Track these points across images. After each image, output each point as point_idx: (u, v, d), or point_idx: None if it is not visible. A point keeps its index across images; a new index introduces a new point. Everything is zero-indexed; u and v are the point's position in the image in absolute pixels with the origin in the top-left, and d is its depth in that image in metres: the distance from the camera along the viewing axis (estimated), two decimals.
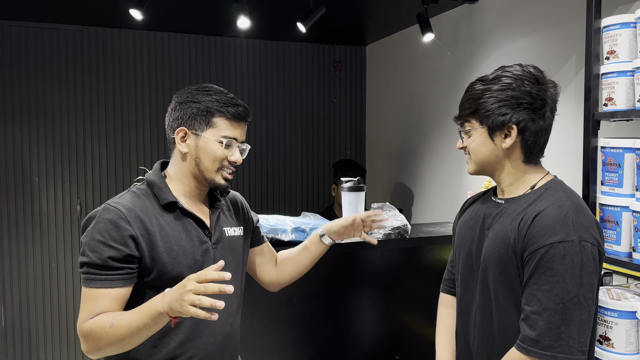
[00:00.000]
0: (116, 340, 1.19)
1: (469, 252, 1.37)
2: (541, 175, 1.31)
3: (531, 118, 1.27)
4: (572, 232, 1.15)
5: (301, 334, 2.08)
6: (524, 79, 1.27)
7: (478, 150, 1.31)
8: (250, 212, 1.61)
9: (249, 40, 3.77)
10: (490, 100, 1.26)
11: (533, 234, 1.18)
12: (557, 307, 1.13)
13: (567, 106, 2.23)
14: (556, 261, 1.14)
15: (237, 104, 1.39)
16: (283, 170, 3.93)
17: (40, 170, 3.38)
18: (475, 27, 2.83)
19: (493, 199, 1.38)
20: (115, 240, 1.26)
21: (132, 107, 3.54)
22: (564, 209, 1.19)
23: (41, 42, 3.34)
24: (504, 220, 1.28)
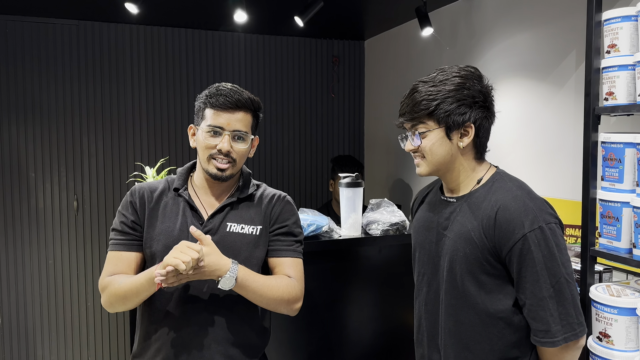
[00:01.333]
0: (121, 297, 1.39)
1: (430, 253, 1.40)
2: (485, 168, 1.36)
3: (485, 116, 1.32)
4: (536, 219, 1.22)
5: (298, 330, 2.06)
6: (471, 78, 1.31)
7: (435, 151, 1.31)
8: (282, 219, 1.52)
9: (246, 34, 3.74)
10: (448, 100, 1.27)
11: (502, 232, 1.24)
12: (549, 293, 1.21)
13: (567, 101, 2.22)
14: (534, 251, 1.21)
15: (223, 94, 1.43)
16: (281, 166, 3.91)
17: (37, 165, 3.36)
18: (474, 22, 2.81)
19: (443, 198, 1.40)
20: (125, 207, 1.50)
21: (128, 102, 3.52)
22: (520, 199, 1.25)
23: (37, 36, 3.31)
24: (461, 219, 1.31)
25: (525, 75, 2.43)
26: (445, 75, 1.31)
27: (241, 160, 1.49)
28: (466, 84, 1.29)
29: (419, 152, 1.34)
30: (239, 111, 1.45)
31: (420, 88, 1.32)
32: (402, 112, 1.35)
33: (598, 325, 1.53)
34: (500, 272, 1.28)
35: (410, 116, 1.32)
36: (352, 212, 2.08)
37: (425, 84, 1.32)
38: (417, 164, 1.37)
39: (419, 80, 1.34)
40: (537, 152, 2.36)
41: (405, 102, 1.34)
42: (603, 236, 1.62)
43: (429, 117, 1.30)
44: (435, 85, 1.30)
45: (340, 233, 2.09)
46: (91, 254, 3.47)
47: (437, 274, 1.38)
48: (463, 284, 1.30)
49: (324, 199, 4.00)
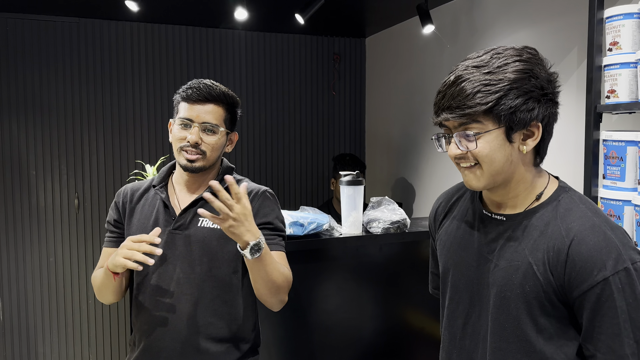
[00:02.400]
0: (97, 288, 1.53)
1: (469, 280, 1.13)
2: (545, 180, 1.08)
3: (552, 112, 1.05)
4: (620, 258, 0.96)
5: (299, 328, 2.06)
6: (537, 63, 1.02)
7: (493, 157, 1.00)
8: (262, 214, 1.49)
9: (246, 32, 3.74)
10: (513, 93, 0.98)
11: (577, 272, 0.97)
12: (632, 349, 0.96)
13: (568, 98, 2.21)
14: (617, 298, 0.95)
15: (195, 87, 1.46)
16: (281, 164, 3.91)
17: (38, 163, 3.36)
18: (475, 19, 2.80)
19: (486, 213, 1.12)
20: (111, 207, 1.59)
21: (129, 100, 3.52)
22: (599, 230, 0.98)
23: (37, 34, 3.31)
24: (518, 246, 1.04)
25: None
26: (504, 58, 1.00)
27: (212, 153, 1.48)
28: (533, 71, 1.00)
29: (467, 158, 1.03)
30: (209, 103, 1.47)
31: (472, 75, 0.99)
32: (445, 107, 1.02)
33: None
34: (562, 314, 1.02)
35: (460, 112, 0.99)
36: (353, 210, 2.08)
37: (477, 69, 0.99)
38: (466, 174, 1.05)
39: (467, 65, 1.02)
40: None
41: (449, 93, 1.01)
42: None
43: (486, 115, 0.98)
44: (492, 72, 0.98)
45: (341, 231, 2.09)
46: (92, 252, 3.47)
47: (480, 308, 1.11)
48: (519, 326, 1.03)
49: (324, 197, 4.00)
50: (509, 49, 1.02)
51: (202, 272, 1.46)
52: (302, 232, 1.94)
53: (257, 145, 3.82)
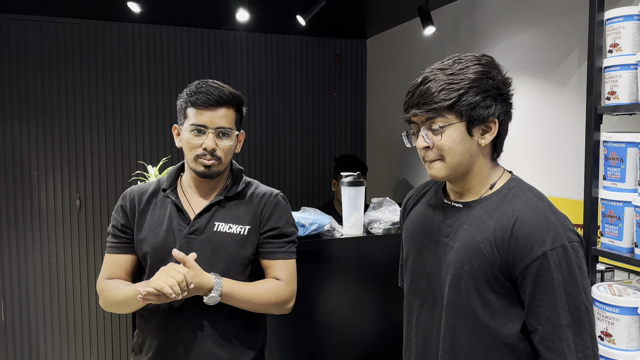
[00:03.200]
0: (114, 304, 1.46)
1: (426, 262, 1.24)
2: (499, 173, 1.20)
3: (507, 111, 1.17)
4: (559, 236, 1.07)
5: (300, 329, 2.07)
6: (493, 67, 1.15)
7: (455, 149, 1.12)
8: (273, 220, 1.50)
9: (248, 33, 3.74)
10: (472, 91, 1.10)
11: (519, 247, 1.08)
12: (567, 320, 1.06)
13: (568, 100, 2.21)
14: (554, 272, 1.06)
15: (204, 91, 1.42)
16: (282, 165, 3.91)
17: (39, 164, 3.37)
18: (476, 20, 2.80)
19: (447, 201, 1.23)
20: (116, 211, 1.53)
21: (131, 101, 3.53)
22: (541, 212, 1.10)
23: (39, 35, 3.32)
24: (469, 228, 1.15)
25: (527, 73, 2.42)
26: (464, 62, 1.13)
27: (227, 156, 1.46)
28: (490, 73, 1.13)
29: (432, 151, 1.15)
30: (221, 107, 1.43)
31: (437, 76, 1.13)
32: (414, 104, 1.15)
33: (600, 325, 1.53)
34: (509, 292, 1.12)
35: (426, 108, 1.12)
36: (354, 211, 2.08)
37: (442, 71, 1.13)
38: (431, 166, 1.17)
39: (432, 68, 1.16)
40: (539, 150, 2.36)
41: (417, 92, 1.15)
42: (605, 235, 1.62)
43: (449, 110, 1.11)
44: (454, 73, 1.12)
45: (342, 232, 2.09)
46: (93, 252, 3.48)
47: (435, 288, 1.21)
48: (467, 302, 1.13)
49: (325, 198, 4.00)
50: (469, 55, 1.16)
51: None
52: (303, 232, 1.94)
53: (258, 146, 3.82)
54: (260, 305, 1.44)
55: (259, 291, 1.44)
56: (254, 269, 1.51)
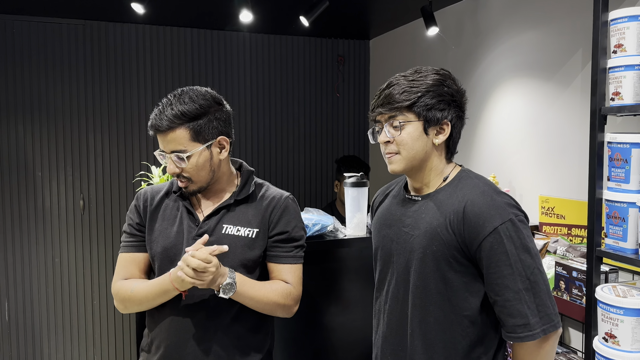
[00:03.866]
0: (136, 303, 1.45)
1: (391, 252, 1.37)
2: (452, 167, 1.36)
3: (460, 116, 1.32)
4: (505, 212, 1.21)
5: (303, 329, 2.07)
6: (449, 78, 1.32)
7: (412, 144, 1.29)
8: (282, 224, 1.49)
9: (251, 34, 3.75)
10: (429, 94, 1.27)
11: (471, 227, 1.22)
12: (525, 285, 1.19)
13: (572, 101, 2.21)
14: (506, 243, 1.19)
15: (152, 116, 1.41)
16: (285, 165, 3.92)
17: (43, 164, 3.38)
18: (479, 21, 2.80)
19: (407, 196, 1.38)
20: (131, 211, 1.54)
21: (134, 102, 3.53)
22: (487, 194, 1.25)
23: (43, 36, 3.33)
24: (427, 217, 1.29)
25: (531, 74, 2.42)
26: (424, 72, 1.32)
27: (199, 173, 1.42)
28: (445, 82, 1.30)
29: (392, 145, 1.31)
30: (168, 131, 1.38)
31: (399, 81, 1.31)
32: (379, 104, 1.31)
33: (604, 326, 1.53)
34: (468, 269, 1.26)
35: (389, 107, 1.29)
36: (357, 212, 2.08)
37: (404, 77, 1.32)
38: (390, 160, 1.33)
39: (397, 75, 1.34)
40: (543, 151, 2.36)
41: (382, 94, 1.32)
42: (609, 236, 1.61)
43: (409, 109, 1.28)
44: (415, 80, 1.30)
45: (345, 232, 2.09)
46: (97, 253, 3.49)
47: (400, 273, 1.34)
48: (429, 282, 1.27)
49: (328, 198, 4.00)
50: (429, 67, 1.34)
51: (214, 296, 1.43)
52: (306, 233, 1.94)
53: (260, 146, 3.83)
54: (268, 305, 1.44)
55: (268, 290, 1.44)
56: (261, 272, 1.51)
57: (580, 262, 1.94)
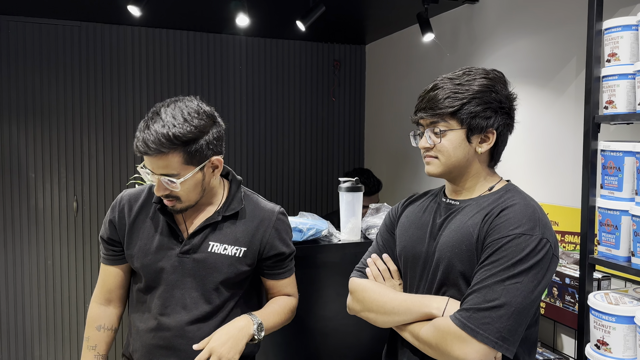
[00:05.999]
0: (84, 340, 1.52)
1: (418, 254, 1.30)
2: (498, 178, 1.30)
3: (507, 124, 1.25)
4: (537, 228, 1.13)
5: (297, 335, 2.06)
6: (499, 82, 1.24)
7: (452, 152, 1.23)
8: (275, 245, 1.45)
9: (247, 37, 3.75)
10: (474, 102, 1.20)
11: (498, 225, 1.15)
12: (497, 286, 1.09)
13: (566, 108, 2.22)
14: (514, 251, 1.10)
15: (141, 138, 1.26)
16: (280, 169, 3.92)
17: (37, 166, 3.36)
18: (475, 28, 2.82)
19: (444, 200, 1.32)
20: (106, 223, 1.47)
21: (129, 104, 3.52)
22: (531, 207, 1.18)
23: (38, 37, 3.32)
24: (461, 217, 1.23)
25: (526, 81, 2.43)
26: (473, 75, 1.23)
27: (189, 194, 1.33)
28: (494, 87, 1.22)
29: (432, 151, 1.25)
30: (161, 156, 1.25)
31: (444, 85, 1.23)
32: (422, 107, 1.25)
33: (596, 333, 1.54)
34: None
35: (431, 112, 1.22)
36: (352, 217, 2.08)
37: (450, 80, 1.23)
38: (428, 162, 1.27)
39: (443, 77, 1.25)
40: (537, 158, 2.37)
41: (426, 97, 1.25)
42: (602, 244, 1.62)
43: (452, 116, 1.21)
44: (461, 84, 1.21)
45: (340, 237, 2.09)
46: (90, 255, 3.47)
47: (423, 275, 1.28)
48: (456, 284, 1.20)
49: (323, 202, 4.00)
50: (480, 69, 1.26)
51: (211, 297, 1.41)
52: (300, 237, 1.95)
53: (256, 151, 3.83)
54: (283, 324, 1.50)
55: (282, 313, 1.48)
56: (251, 282, 1.50)
57: (573, 269, 1.95)
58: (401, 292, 1.34)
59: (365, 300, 1.35)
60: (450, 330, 1.11)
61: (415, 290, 1.31)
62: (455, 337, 1.10)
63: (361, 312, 1.38)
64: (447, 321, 1.13)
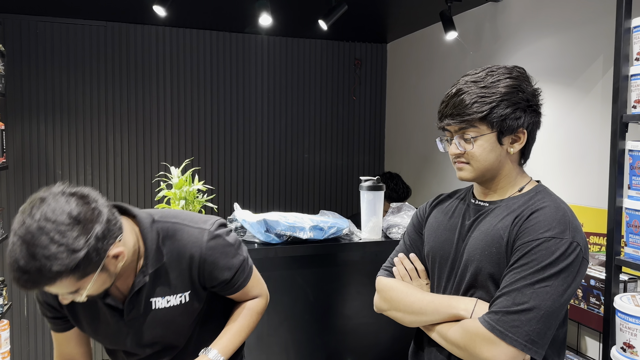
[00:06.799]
0: None
1: (446, 255, 1.29)
2: (527, 179, 1.27)
3: (536, 121, 1.23)
4: (567, 231, 1.11)
5: (317, 331, 2.07)
6: (524, 79, 1.21)
7: (485, 157, 1.20)
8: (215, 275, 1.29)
9: (269, 37, 3.77)
10: (503, 104, 1.17)
11: (528, 228, 1.13)
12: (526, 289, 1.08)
13: (592, 108, 2.19)
14: (544, 254, 1.09)
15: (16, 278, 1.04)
16: (301, 168, 3.93)
17: (64, 163, 3.43)
18: (499, 26, 2.79)
19: (472, 200, 1.30)
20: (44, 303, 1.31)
21: (154, 102, 3.58)
22: (562, 210, 1.16)
23: (65, 37, 3.39)
24: (491, 219, 1.21)
25: (551, 80, 2.40)
26: (496, 76, 1.19)
27: (98, 289, 1.15)
28: (520, 86, 1.19)
29: (464, 157, 1.22)
30: (49, 286, 1.06)
31: (469, 89, 1.19)
32: (448, 114, 1.21)
33: (622, 336, 1.51)
34: None
35: (459, 119, 1.18)
36: (373, 216, 2.08)
37: (474, 84, 1.19)
38: (460, 168, 1.24)
39: (466, 80, 1.22)
40: (562, 158, 2.34)
41: (450, 103, 1.21)
42: (629, 245, 1.60)
43: (481, 121, 1.18)
44: (487, 86, 1.18)
45: (361, 236, 2.09)
46: None
47: (454, 276, 1.26)
48: (484, 286, 1.19)
49: (343, 201, 4.01)
50: (501, 67, 1.22)
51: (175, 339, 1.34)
52: (322, 236, 1.95)
53: (277, 149, 3.85)
54: (253, 328, 1.40)
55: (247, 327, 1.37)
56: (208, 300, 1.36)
57: (598, 270, 1.92)
58: (428, 293, 1.33)
59: (393, 299, 1.35)
60: (479, 333, 1.11)
61: (442, 290, 1.30)
62: (484, 339, 1.10)
63: (388, 310, 1.38)
64: (476, 323, 1.12)
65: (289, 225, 1.92)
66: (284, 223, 1.91)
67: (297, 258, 1.96)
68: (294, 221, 1.95)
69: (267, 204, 3.82)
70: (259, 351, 1.93)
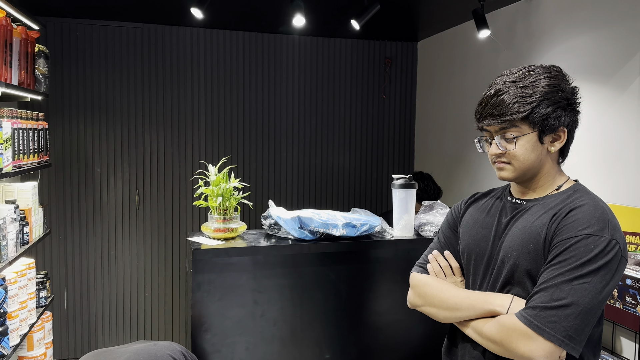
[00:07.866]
0: None
1: (482, 252, 1.30)
2: (565, 177, 1.28)
3: (575, 119, 1.24)
4: (606, 229, 1.12)
5: (349, 327, 2.10)
6: (562, 78, 1.22)
7: (526, 156, 1.21)
8: None
9: (300, 37, 3.82)
10: (544, 103, 1.18)
11: (567, 225, 1.14)
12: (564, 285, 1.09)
13: (629, 105, 2.16)
14: (583, 251, 1.09)
15: None
16: (332, 166, 3.97)
17: (102, 161, 3.55)
18: (532, 24, 2.77)
19: (509, 199, 1.31)
20: None
21: (188, 102, 3.66)
22: (600, 208, 1.16)
23: (104, 38, 3.50)
24: (528, 217, 1.22)
25: (585, 78, 2.38)
26: (535, 75, 1.20)
27: None
28: (560, 85, 1.20)
29: (504, 157, 1.24)
30: None
31: (509, 89, 1.20)
32: (488, 114, 1.22)
33: None
34: None
35: (500, 119, 1.20)
36: (405, 214, 2.10)
37: (513, 84, 1.21)
38: (501, 167, 1.25)
39: (505, 80, 1.23)
40: (597, 156, 2.31)
41: (489, 103, 1.22)
42: None
43: (523, 121, 1.19)
44: (526, 86, 1.19)
45: (393, 234, 2.12)
46: (150, 247, 3.64)
47: (490, 273, 1.28)
48: (520, 283, 1.19)
49: (373, 200, 4.03)
50: (538, 67, 1.23)
51: None
52: (354, 233, 1.98)
53: (307, 147, 3.89)
54: None
55: None
56: None
57: (634, 270, 1.89)
58: (463, 289, 1.34)
59: (427, 295, 1.37)
60: (516, 328, 1.12)
61: (478, 287, 1.31)
62: (521, 334, 1.11)
63: (422, 306, 1.40)
64: (513, 319, 1.13)
65: (322, 222, 1.96)
66: (318, 220, 1.95)
67: (330, 254, 2.00)
68: (327, 218, 1.99)
69: (299, 201, 3.87)
70: (292, 346, 1.97)
